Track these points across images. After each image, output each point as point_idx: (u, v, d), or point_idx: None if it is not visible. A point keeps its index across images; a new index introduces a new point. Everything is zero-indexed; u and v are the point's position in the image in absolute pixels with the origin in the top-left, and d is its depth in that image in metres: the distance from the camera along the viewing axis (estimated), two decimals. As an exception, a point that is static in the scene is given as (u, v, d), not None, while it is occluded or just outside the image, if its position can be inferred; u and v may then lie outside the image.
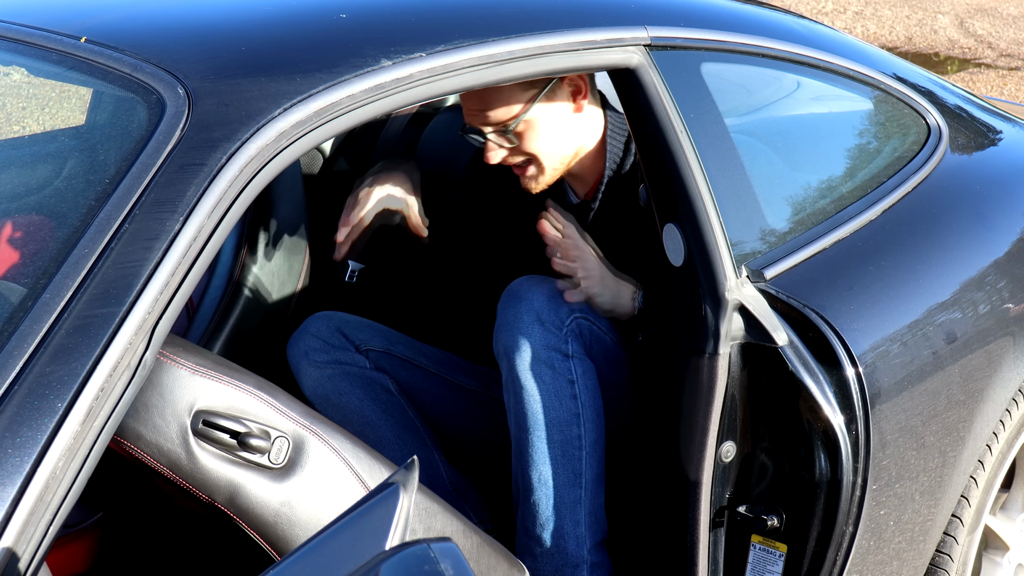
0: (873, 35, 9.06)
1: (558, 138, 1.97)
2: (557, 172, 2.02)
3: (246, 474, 1.46)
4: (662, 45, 1.71)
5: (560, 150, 1.99)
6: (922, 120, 2.20)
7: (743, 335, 1.69)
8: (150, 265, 1.22)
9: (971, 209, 2.09)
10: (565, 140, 1.99)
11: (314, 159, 2.84)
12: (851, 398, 1.68)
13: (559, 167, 2.01)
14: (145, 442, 1.42)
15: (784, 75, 2.05)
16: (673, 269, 1.73)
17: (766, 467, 1.74)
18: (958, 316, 1.93)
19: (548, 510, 1.84)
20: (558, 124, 1.96)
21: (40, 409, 1.14)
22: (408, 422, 2.09)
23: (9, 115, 2.47)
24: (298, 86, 1.38)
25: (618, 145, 2.04)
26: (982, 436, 2.00)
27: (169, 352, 1.44)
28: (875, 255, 1.87)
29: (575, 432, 1.84)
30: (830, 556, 1.72)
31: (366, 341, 2.11)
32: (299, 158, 1.65)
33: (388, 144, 2.77)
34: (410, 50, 1.47)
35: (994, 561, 2.21)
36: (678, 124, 1.68)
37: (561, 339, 1.83)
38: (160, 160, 1.29)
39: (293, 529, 1.49)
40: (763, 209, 1.79)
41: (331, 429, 1.53)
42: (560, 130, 1.97)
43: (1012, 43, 8.63)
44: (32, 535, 1.11)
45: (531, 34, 1.58)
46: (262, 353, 2.29)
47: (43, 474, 1.12)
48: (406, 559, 0.93)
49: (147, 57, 1.43)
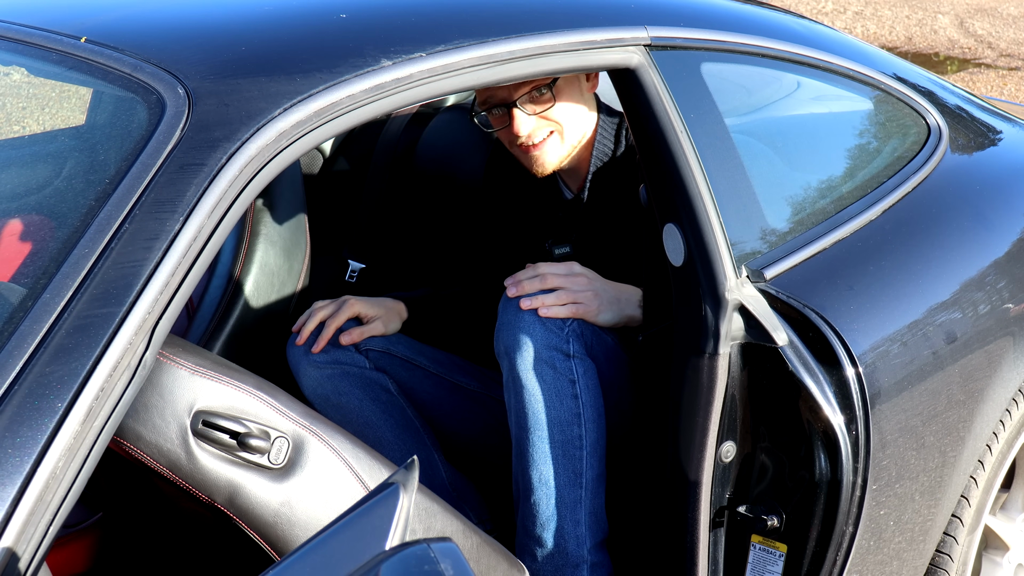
0: (873, 35, 9.06)
1: (578, 110, 2.05)
2: (569, 150, 2.06)
3: (246, 474, 1.46)
4: (662, 45, 1.71)
5: (579, 124, 2.06)
6: (922, 120, 2.20)
7: (743, 335, 1.69)
8: (150, 265, 1.22)
9: (971, 209, 2.09)
10: (582, 114, 2.06)
11: (314, 159, 2.84)
12: (851, 398, 1.68)
13: (575, 143, 2.07)
14: (145, 442, 1.42)
15: (784, 75, 2.05)
16: (673, 269, 1.73)
17: (766, 467, 1.74)
18: (958, 316, 1.93)
19: (548, 510, 1.84)
20: (578, 97, 2.05)
21: (40, 409, 1.14)
22: (408, 422, 2.09)
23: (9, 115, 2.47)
24: (298, 86, 1.38)
25: (606, 139, 2.09)
26: (982, 436, 2.00)
27: (169, 352, 1.44)
28: (875, 255, 1.87)
29: (576, 432, 1.84)
30: (830, 556, 1.71)
31: (366, 341, 2.11)
32: (299, 158, 1.65)
33: (388, 144, 2.78)
34: (410, 50, 1.47)
35: (994, 561, 2.21)
36: (678, 124, 1.68)
37: (563, 339, 1.83)
38: (160, 160, 1.29)
39: (293, 529, 1.49)
40: (763, 209, 1.79)
41: (331, 429, 1.53)
42: (579, 103, 2.05)
43: (1012, 43, 8.63)
44: (32, 535, 1.11)
45: (531, 34, 1.58)
46: (262, 353, 2.29)
47: (43, 474, 1.12)
48: (406, 559, 0.93)
49: (147, 57, 1.43)
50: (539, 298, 1.83)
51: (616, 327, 1.93)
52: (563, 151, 2.06)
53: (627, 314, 1.93)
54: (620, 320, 1.92)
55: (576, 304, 1.85)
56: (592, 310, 1.88)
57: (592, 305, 1.88)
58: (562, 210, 2.17)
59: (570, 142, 2.05)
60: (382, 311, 2.14)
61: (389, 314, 2.15)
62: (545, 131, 2.02)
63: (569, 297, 1.85)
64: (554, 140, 2.03)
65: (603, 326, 1.91)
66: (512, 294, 1.84)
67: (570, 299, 1.85)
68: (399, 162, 2.76)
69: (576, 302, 1.86)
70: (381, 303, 2.15)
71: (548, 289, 1.85)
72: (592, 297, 1.88)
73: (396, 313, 2.16)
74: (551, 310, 1.83)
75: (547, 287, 1.85)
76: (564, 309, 1.84)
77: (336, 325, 2.07)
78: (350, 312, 2.09)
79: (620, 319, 1.92)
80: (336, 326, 2.07)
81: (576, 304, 1.85)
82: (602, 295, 1.90)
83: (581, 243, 2.11)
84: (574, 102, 2.03)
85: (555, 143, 2.04)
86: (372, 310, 2.12)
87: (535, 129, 2.01)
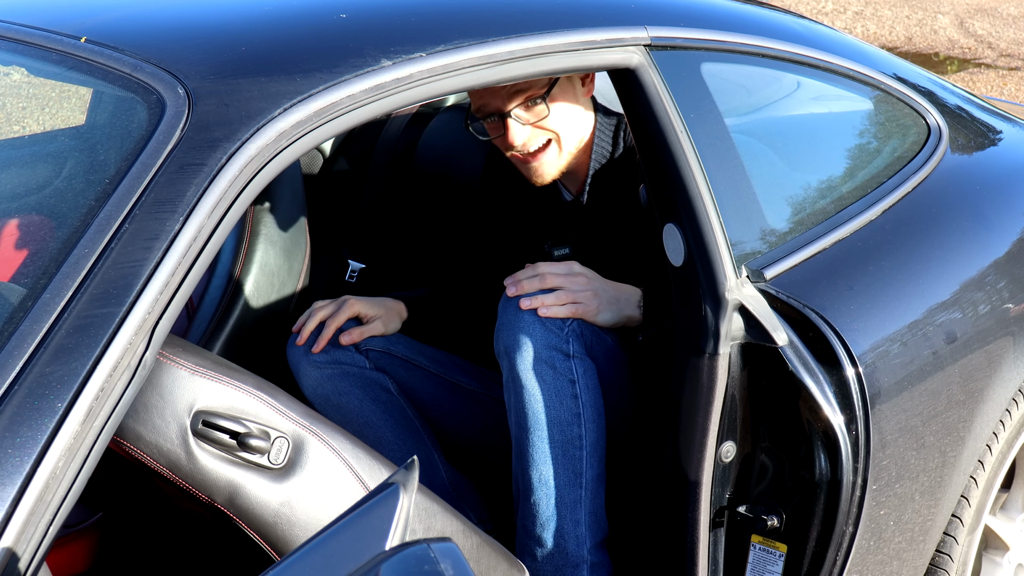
0: (873, 35, 9.06)
1: (575, 116, 2.04)
2: (567, 158, 2.06)
3: (246, 474, 1.46)
4: (662, 45, 1.71)
5: (576, 130, 2.05)
6: (922, 120, 2.20)
7: (743, 335, 1.69)
8: (150, 265, 1.22)
9: (971, 209, 2.09)
10: (580, 120, 2.05)
11: (314, 159, 2.84)
12: (851, 398, 1.68)
13: (572, 151, 2.06)
14: (145, 443, 1.42)
15: (784, 75, 2.05)
16: (673, 269, 1.73)
17: (766, 467, 1.74)
18: (958, 316, 1.93)
19: (548, 510, 1.84)
20: (575, 102, 2.03)
21: (40, 409, 1.14)
22: (408, 422, 2.09)
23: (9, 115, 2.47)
24: (298, 86, 1.38)
25: (605, 140, 2.09)
26: (982, 436, 2.00)
27: (169, 352, 1.44)
28: (875, 255, 1.87)
29: (576, 432, 1.84)
30: (830, 556, 1.71)
31: (366, 341, 2.11)
32: (299, 158, 1.65)
33: (388, 144, 2.78)
34: (410, 50, 1.47)
35: (994, 561, 2.21)
36: (678, 124, 1.68)
37: (562, 339, 1.83)
38: (160, 160, 1.29)
39: (293, 529, 1.49)
40: (763, 209, 1.79)
41: (331, 429, 1.53)
42: (576, 108, 2.04)
43: (1012, 43, 8.63)
44: (32, 535, 1.11)
45: (531, 34, 1.58)
46: (262, 353, 2.29)
47: (43, 474, 1.12)
48: (406, 559, 0.93)
49: (147, 57, 1.43)
50: (539, 298, 1.83)
51: (616, 327, 1.93)
52: (561, 161, 2.05)
53: (626, 314, 1.93)
54: (619, 320, 1.92)
55: (576, 304, 1.85)
56: (592, 310, 1.88)
57: (592, 305, 1.88)
58: (561, 212, 2.17)
59: (568, 150, 2.04)
60: (382, 311, 2.14)
61: (389, 314, 2.15)
62: (542, 139, 2.01)
63: (569, 297, 1.85)
64: (552, 150, 2.02)
65: (603, 326, 1.91)
66: (512, 294, 1.84)
67: (570, 299, 1.85)
68: (399, 162, 2.76)
69: (576, 302, 1.86)
70: (381, 303, 2.15)
71: (548, 289, 1.85)
72: (592, 297, 1.88)
73: (396, 313, 2.16)
74: (551, 310, 1.83)
75: (547, 287, 1.85)
76: (564, 309, 1.84)
77: (336, 325, 2.07)
78: (350, 312, 2.09)
79: (619, 319, 1.92)
80: (336, 326, 2.07)
81: (576, 304, 1.85)
82: (601, 295, 1.90)
83: (580, 244, 2.11)
84: (570, 109, 2.02)
85: (552, 153, 2.03)
86: (372, 310, 2.12)
87: (530, 138, 2.01)
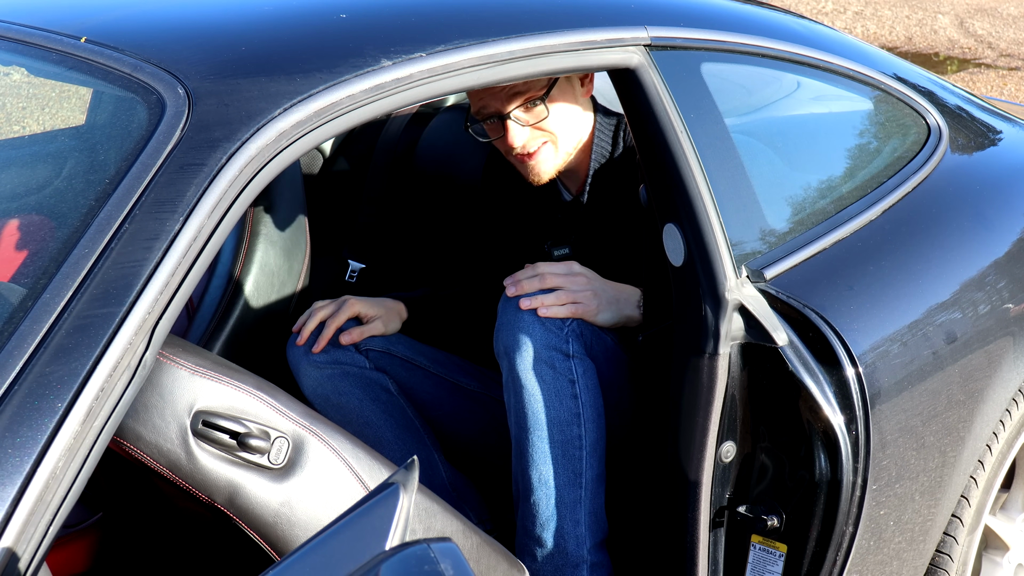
0: (873, 35, 9.06)
1: (574, 117, 2.04)
2: (564, 157, 2.06)
3: (246, 474, 1.46)
4: (662, 45, 1.71)
5: (574, 131, 2.05)
6: (922, 120, 2.20)
7: (743, 335, 1.69)
8: (150, 265, 1.22)
9: (971, 209, 2.09)
10: (579, 120, 2.06)
11: (314, 159, 2.84)
12: (851, 398, 1.68)
13: (570, 151, 2.06)
14: (145, 443, 1.42)
15: (784, 75, 2.05)
16: (673, 269, 1.73)
17: (766, 467, 1.74)
18: (958, 316, 1.92)
19: (548, 510, 1.84)
20: (574, 103, 2.04)
21: (40, 409, 1.14)
22: (408, 422, 2.09)
23: (9, 115, 2.47)
24: (298, 86, 1.38)
25: (605, 140, 2.09)
26: (982, 436, 2.00)
27: (169, 352, 1.44)
28: (875, 255, 1.87)
29: (575, 432, 1.84)
30: (830, 556, 1.71)
31: (365, 341, 2.11)
32: (299, 158, 1.65)
33: (388, 144, 2.78)
34: (410, 50, 1.47)
35: (994, 561, 2.21)
36: (678, 124, 1.68)
37: (562, 339, 1.83)
38: (160, 160, 1.29)
39: (293, 529, 1.49)
40: (763, 209, 1.79)
41: (331, 429, 1.53)
42: (575, 109, 2.04)
43: (1012, 43, 8.63)
44: (32, 535, 1.11)
45: (531, 34, 1.58)
46: (262, 353, 2.29)
47: (43, 474, 1.12)
48: (406, 559, 0.93)
49: (147, 57, 1.43)
50: (538, 298, 1.83)
51: (615, 327, 1.93)
52: (558, 160, 2.05)
53: (626, 314, 1.93)
54: (619, 320, 1.92)
55: (575, 304, 1.85)
56: (591, 310, 1.88)
57: (591, 305, 1.88)
58: (561, 212, 2.17)
59: (564, 150, 2.05)
60: (382, 311, 2.14)
61: (389, 314, 2.15)
62: (539, 141, 2.02)
63: (568, 297, 1.85)
64: (548, 150, 2.03)
65: (602, 326, 1.91)
66: (511, 294, 1.84)
67: (569, 299, 1.85)
68: (399, 162, 2.76)
69: (575, 302, 1.86)
70: (381, 303, 2.15)
71: (547, 289, 1.85)
72: (591, 297, 1.88)
73: (396, 313, 2.16)
74: (550, 310, 1.83)
75: (546, 287, 1.85)
76: (563, 309, 1.84)
77: (336, 325, 2.07)
78: (350, 312, 2.09)
79: (619, 319, 1.92)
80: (336, 326, 2.07)
81: (575, 304, 1.85)
82: (601, 295, 1.90)
83: (580, 245, 2.11)
84: (569, 110, 2.03)
85: (549, 152, 2.03)
86: (372, 310, 2.12)
87: (529, 139, 2.01)
